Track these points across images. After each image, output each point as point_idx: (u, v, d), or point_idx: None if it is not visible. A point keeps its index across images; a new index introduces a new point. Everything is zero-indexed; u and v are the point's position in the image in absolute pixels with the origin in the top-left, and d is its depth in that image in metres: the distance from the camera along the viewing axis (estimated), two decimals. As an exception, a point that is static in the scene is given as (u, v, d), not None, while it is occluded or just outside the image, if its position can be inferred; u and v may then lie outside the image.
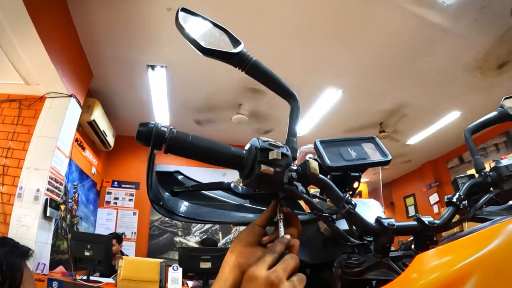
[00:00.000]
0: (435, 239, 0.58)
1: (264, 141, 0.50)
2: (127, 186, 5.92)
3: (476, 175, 0.76)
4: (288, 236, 0.51)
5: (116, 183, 5.89)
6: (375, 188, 9.97)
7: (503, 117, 0.87)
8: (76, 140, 4.30)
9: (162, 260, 3.26)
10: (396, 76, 4.50)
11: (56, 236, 3.89)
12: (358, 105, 5.20)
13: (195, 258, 3.34)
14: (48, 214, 3.26)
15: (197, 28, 0.54)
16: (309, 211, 0.65)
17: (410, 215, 7.98)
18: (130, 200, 5.85)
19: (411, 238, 0.61)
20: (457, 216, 0.64)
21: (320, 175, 0.54)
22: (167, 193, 0.59)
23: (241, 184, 0.60)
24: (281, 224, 0.53)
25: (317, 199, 0.66)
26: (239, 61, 0.55)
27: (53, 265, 3.57)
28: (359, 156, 0.64)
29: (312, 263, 0.62)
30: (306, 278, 0.46)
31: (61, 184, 3.63)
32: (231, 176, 6.33)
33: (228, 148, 0.51)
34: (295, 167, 0.52)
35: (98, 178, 5.60)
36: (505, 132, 5.43)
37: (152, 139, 0.47)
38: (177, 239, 5.81)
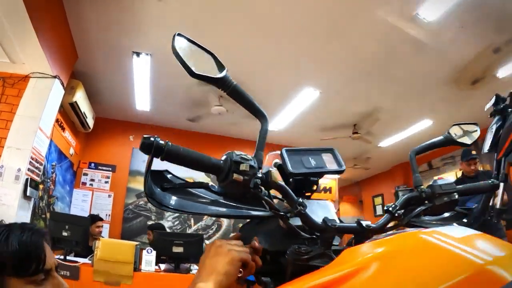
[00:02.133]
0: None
1: (237, 155, 0.65)
2: (104, 168, 5.94)
3: (415, 190, 0.89)
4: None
5: (93, 165, 5.89)
6: (346, 185, 10.32)
7: (448, 141, 1.05)
8: (57, 120, 4.29)
9: (137, 243, 3.38)
10: (373, 82, 4.73)
11: (33, 215, 3.92)
12: (334, 106, 5.41)
13: (168, 243, 3.50)
14: (28, 194, 3.29)
15: (189, 52, 0.68)
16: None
17: (378, 214, 8.36)
18: (106, 182, 5.88)
19: (353, 237, 0.76)
20: (393, 222, 0.80)
21: (279, 182, 0.69)
22: (158, 189, 0.69)
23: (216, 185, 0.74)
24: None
25: (277, 199, 0.77)
26: (223, 84, 0.70)
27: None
28: (317, 165, 0.81)
29: (271, 250, 0.74)
30: (248, 253, 0.64)
31: (41, 164, 3.65)
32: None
33: (209, 158, 0.66)
34: (260, 175, 0.67)
35: (76, 159, 5.59)
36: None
37: (153, 150, 0.60)
38: (150, 222, 5.90)
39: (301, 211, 0.68)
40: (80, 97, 4.56)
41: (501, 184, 2.51)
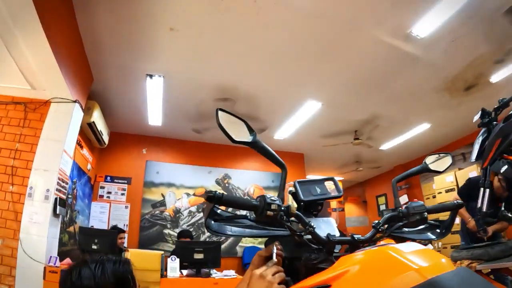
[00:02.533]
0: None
1: (268, 197, 0.94)
2: (119, 181, 6.25)
3: (395, 211, 1.20)
4: (275, 259, 0.94)
5: (109, 178, 6.20)
6: (350, 186, 10.52)
7: (423, 169, 1.32)
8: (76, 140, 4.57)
9: (162, 252, 3.70)
10: (371, 92, 4.99)
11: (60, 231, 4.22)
12: (335, 115, 5.69)
13: (189, 250, 3.86)
14: (57, 212, 3.58)
15: (228, 122, 0.98)
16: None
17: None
18: (122, 194, 6.18)
19: (347, 246, 1.06)
20: (378, 235, 1.10)
21: (296, 212, 0.99)
22: (212, 221, 0.98)
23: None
24: (274, 254, 0.96)
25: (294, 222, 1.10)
26: (254, 145, 1.02)
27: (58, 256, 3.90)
28: (322, 192, 1.19)
29: (289, 257, 1.06)
30: (284, 275, 0.89)
31: (66, 184, 3.94)
32: (216, 174, 6.84)
33: (249, 200, 0.97)
34: (283, 209, 0.96)
35: (92, 173, 5.89)
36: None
37: (215, 199, 0.88)
38: (166, 231, 6.20)
39: (311, 230, 0.98)
40: (97, 117, 4.85)
41: (487, 190, 2.80)
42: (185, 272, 3.91)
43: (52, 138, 3.79)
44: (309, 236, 1.00)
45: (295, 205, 1.22)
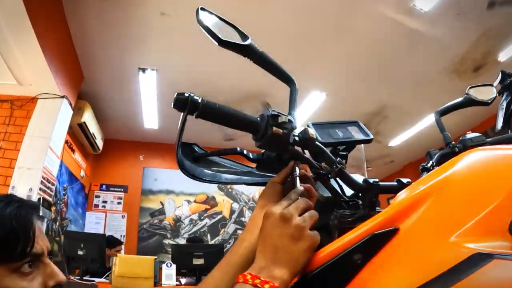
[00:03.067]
0: None
1: (273, 110, 0.63)
2: (116, 189, 5.95)
3: (445, 148, 0.94)
4: (301, 188, 0.62)
5: (104, 186, 5.91)
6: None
7: (468, 102, 1.11)
8: (66, 142, 4.32)
9: (155, 257, 3.32)
10: (377, 80, 4.72)
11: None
12: (341, 108, 5.39)
13: (188, 255, 3.43)
14: (40, 214, 3.28)
15: (213, 24, 0.66)
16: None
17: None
18: (119, 203, 5.87)
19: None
20: None
21: (317, 142, 0.67)
22: (188, 161, 0.68)
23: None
24: (297, 180, 0.64)
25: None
26: (249, 52, 0.68)
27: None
28: (345, 136, 0.79)
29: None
30: (317, 213, 0.57)
31: (52, 184, 3.66)
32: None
33: (245, 114, 0.63)
34: (297, 131, 0.65)
35: (87, 181, 5.62)
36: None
37: (188, 106, 0.58)
38: (166, 241, 5.84)
39: (342, 169, 0.65)
40: (88, 118, 4.61)
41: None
42: (183, 280, 3.53)
43: (37, 135, 3.59)
44: (335, 184, 0.71)
45: None
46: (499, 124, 2.74)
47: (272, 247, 0.52)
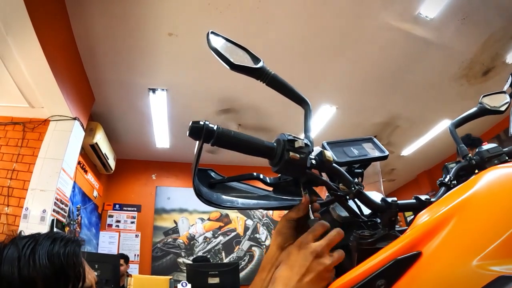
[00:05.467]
0: None
1: (289, 135, 0.62)
2: (129, 209, 5.96)
3: (462, 161, 0.90)
4: (327, 224, 0.61)
5: (117, 206, 5.92)
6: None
7: (482, 112, 1.07)
8: (79, 162, 4.36)
9: (170, 277, 3.29)
10: (386, 90, 4.68)
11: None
12: (352, 120, 5.36)
13: (203, 274, 3.38)
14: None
15: (224, 48, 0.65)
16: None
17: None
18: (132, 222, 5.87)
19: (412, 215, 0.72)
20: None
21: (334, 164, 0.66)
22: (204, 187, 0.67)
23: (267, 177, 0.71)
24: (311, 211, 0.64)
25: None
26: (261, 74, 0.67)
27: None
28: (360, 154, 0.78)
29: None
30: (344, 254, 0.56)
31: (66, 205, 3.68)
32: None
33: (261, 141, 0.62)
34: (314, 154, 0.64)
35: (100, 201, 5.64)
36: (496, 136, 5.59)
37: (203, 134, 0.57)
38: (180, 260, 5.79)
39: (360, 190, 0.65)
40: (100, 139, 4.65)
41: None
42: (199, 299, 3.46)
43: (50, 157, 3.61)
44: (353, 205, 0.71)
45: None
46: (512, 128, 2.68)
47: (299, 278, 0.51)
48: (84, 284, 0.70)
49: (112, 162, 5.39)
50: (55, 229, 3.30)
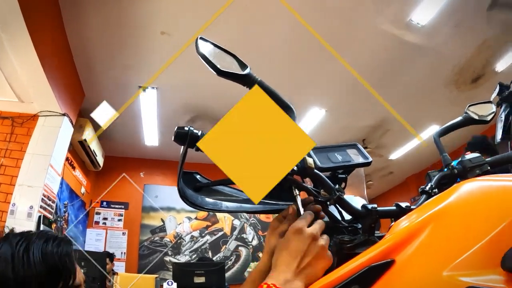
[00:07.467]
0: None
1: None
2: (116, 206, 5.92)
3: (445, 169, 0.91)
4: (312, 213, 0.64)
5: (105, 203, 5.88)
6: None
7: (467, 121, 1.08)
8: (67, 159, 4.32)
9: (156, 276, 3.29)
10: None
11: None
12: (341, 123, 5.40)
13: (189, 273, 3.39)
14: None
15: (212, 54, 0.66)
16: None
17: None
18: (119, 220, 5.84)
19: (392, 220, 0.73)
20: None
21: (315, 170, 0.68)
22: (190, 190, 0.69)
23: None
24: (298, 199, 0.67)
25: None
26: (248, 81, 0.68)
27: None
28: (344, 159, 0.79)
29: None
30: (324, 223, 0.61)
31: (53, 202, 3.65)
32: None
33: None
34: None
35: (87, 198, 5.58)
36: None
37: (188, 139, 0.60)
38: (167, 258, 5.78)
39: (340, 196, 0.67)
40: (89, 135, 4.62)
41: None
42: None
43: (38, 153, 3.58)
44: (335, 210, 0.73)
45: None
46: (499, 135, 2.73)
47: (299, 262, 0.55)
48: (74, 283, 0.73)
49: (100, 159, 5.35)
50: (41, 226, 3.27)
